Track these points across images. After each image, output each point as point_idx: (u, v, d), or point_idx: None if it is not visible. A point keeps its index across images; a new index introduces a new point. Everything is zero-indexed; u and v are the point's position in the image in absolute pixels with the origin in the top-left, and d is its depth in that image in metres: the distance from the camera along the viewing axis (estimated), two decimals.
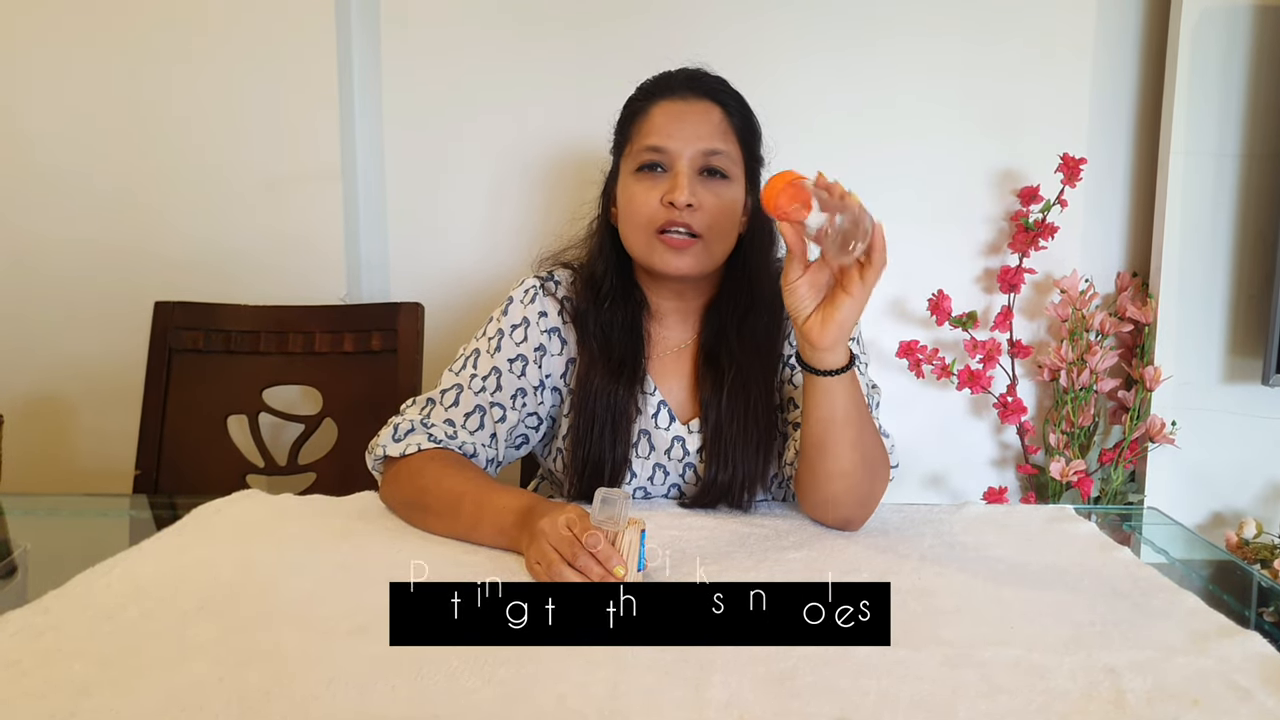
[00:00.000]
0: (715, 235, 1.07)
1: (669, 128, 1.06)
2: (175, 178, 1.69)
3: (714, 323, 1.13)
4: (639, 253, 1.09)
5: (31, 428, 1.73)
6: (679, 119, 1.06)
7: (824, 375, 0.93)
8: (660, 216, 1.05)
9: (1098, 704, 0.65)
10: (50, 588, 0.81)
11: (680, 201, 1.03)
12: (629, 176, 1.09)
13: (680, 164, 1.05)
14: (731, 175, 1.07)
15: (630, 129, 1.10)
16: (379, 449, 1.05)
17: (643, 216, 1.06)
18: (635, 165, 1.08)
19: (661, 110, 1.07)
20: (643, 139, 1.07)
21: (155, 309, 1.52)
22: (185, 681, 0.66)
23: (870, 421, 0.99)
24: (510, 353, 1.10)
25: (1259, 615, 0.88)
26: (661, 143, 1.05)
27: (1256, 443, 1.72)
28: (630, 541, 0.82)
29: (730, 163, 1.07)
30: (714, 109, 1.07)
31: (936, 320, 1.70)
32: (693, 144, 1.05)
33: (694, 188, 1.04)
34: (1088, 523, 1.06)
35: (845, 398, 0.94)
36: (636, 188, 1.07)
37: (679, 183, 1.04)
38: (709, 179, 1.06)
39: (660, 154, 1.05)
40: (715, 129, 1.06)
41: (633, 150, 1.09)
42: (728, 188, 1.07)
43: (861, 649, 0.72)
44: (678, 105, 1.07)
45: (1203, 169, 1.66)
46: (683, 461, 1.12)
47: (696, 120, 1.06)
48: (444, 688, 0.66)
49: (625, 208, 1.09)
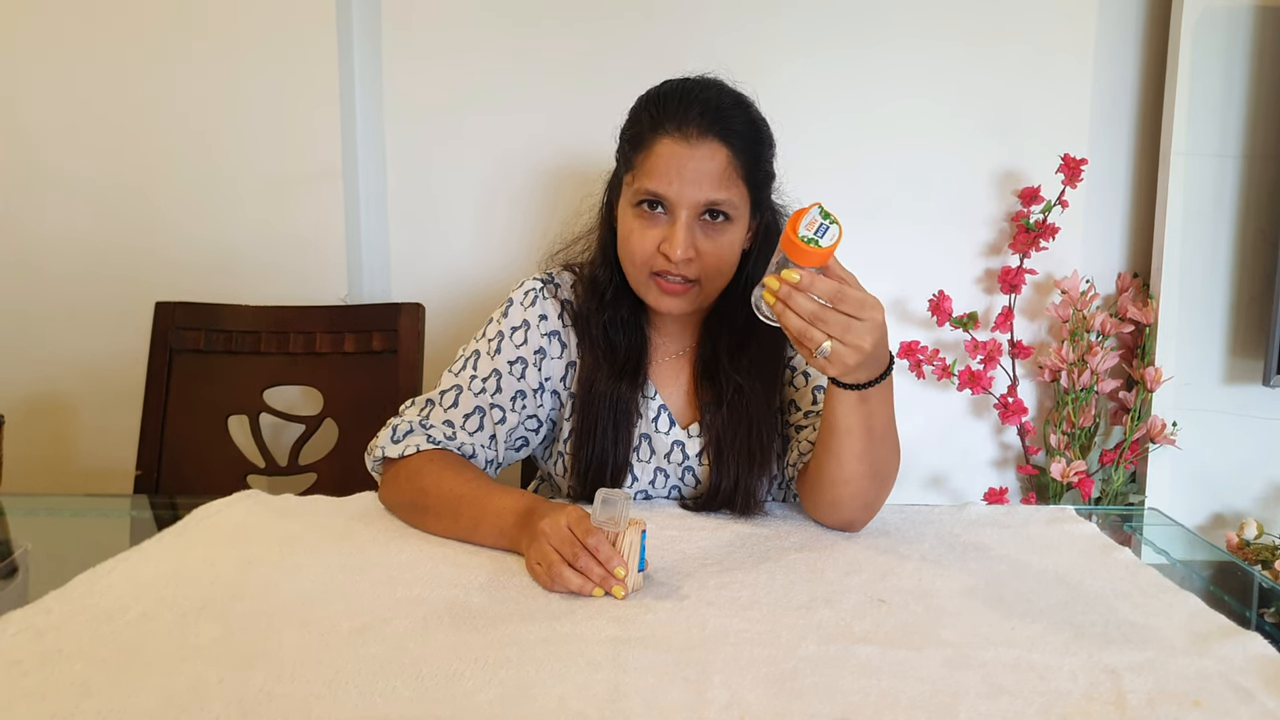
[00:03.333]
0: (712, 278, 1.05)
1: (670, 174, 1.00)
2: (177, 178, 1.69)
3: (712, 334, 1.12)
4: (633, 285, 1.08)
5: (32, 428, 1.73)
6: (681, 164, 1.00)
7: (840, 386, 0.91)
8: (656, 263, 1.03)
9: (1099, 705, 0.65)
10: (51, 588, 0.81)
11: (677, 257, 1.01)
12: (628, 208, 1.05)
13: (680, 214, 1.01)
14: (735, 217, 1.04)
15: (634, 156, 1.05)
16: (378, 450, 1.05)
17: (639, 257, 1.04)
18: (635, 200, 1.04)
19: (666, 149, 1.01)
20: (644, 178, 1.02)
21: (156, 309, 1.52)
22: (186, 682, 0.66)
23: (888, 437, 0.96)
24: (510, 355, 1.10)
25: (1260, 616, 0.88)
26: (662, 190, 1.01)
27: (1257, 444, 1.72)
28: (631, 542, 0.82)
29: (733, 206, 1.03)
30: (720, 151, 1.01)
31: (937, 321, 1.70)
32: (693, 193, 1.00)
33: (692, 239, 1.01)
34: (1089, 524, 1.06)
35: (858, 411, 0.92)
36: (635, 224, 1.04)
37: (676, 237, 1.00)
38: (709, 223, 1.03)
39: (660, 198, 1.02)
40: (719, 177, 1.01)
41: (634, 181, 1.04)
42: (728, 230, 1.04)
43: (863, 649, 0.72)
44: (682, 149, 1.00)
45: (1204, 169, 1.66)
46: (682, 465, 1.12)
47: (699, 165, 1.00)
48: (445, 688, 0.66)
49: (623, 240, 1.07)
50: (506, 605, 0.80)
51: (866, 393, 0.91)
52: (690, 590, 0.84)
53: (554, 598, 0.82)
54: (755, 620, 0.78)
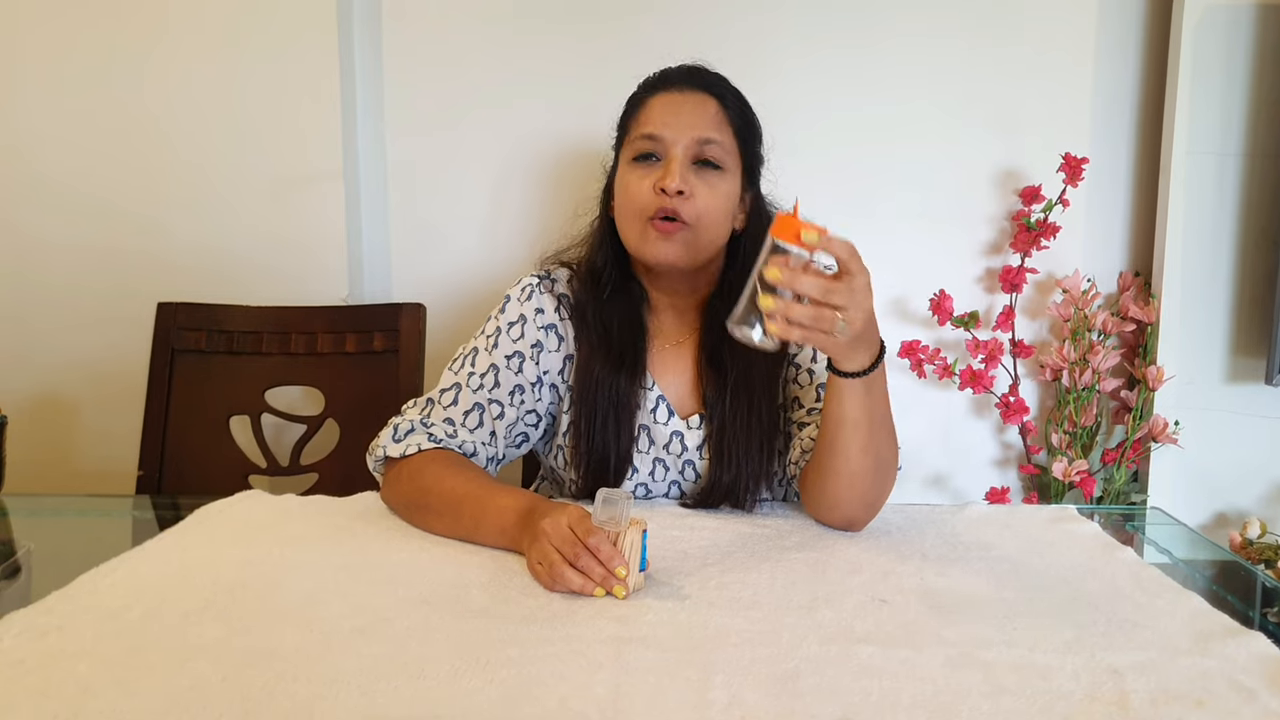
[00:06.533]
0: (705, 224, 1.07)
1: (665, 117, 1.07)
2: (177, 179, 1.69)
3: (713, 320, 1.13)
4: (632, 242, 1.10)
5: (35, 429, 1.74)
6: (675, 109, 1.08)
7: (842, 375, 0.92)
8: (652, 204, 1.06)
9: (1101, 705, 0.64)
10: (54, 588, 0.81)
11: (671, 188, 1.04)
12: (625, 165, 1.10)
13: (674, 151, 1.06)
14: (726, 167, 1.08)
15: (629, 122, 1.12)
16: (379, 450, 1.05)
17: (636, 204, 1.07)
18: (632, 154, 1.09)
19: (659, 101, 1.09)
20: (639, 128, 1.09)
21: (158, 310, 1.52)
22: (188, 681, 0.66)
23: (887, 426, 0.98)
24: (508, 350, 1.11)
25: (1263, 616, 0.88)
26: (656, 131, 1.06)
27: (1260, 442, 1.72)
28: (632, 542, 0.82)
29: (725, 153, 1.08)
30: (710, 101, 1.09)
31: (938, 320, 1.70)
32: (687, 133, 1.06)
33: (686, 175, 1.05)
34: (1090, 523, 1.06)
35: (862, 400, 0.93)
36: (631, 176, 1.08)
37: (671, 169, 1.05)
38: (703, 169, 1.07)
39: (655, 142, 1.07)
40: (711, 119, 1.07)
41: (630, 140, 1.10)
42: (721, 179, 1.08)
43: (864, 649, 0.72)
44: (674, 97, 1.09)
45: (1205, 168, 1.66)
46: (682, 457, 1.12)
47: (692, 110, 1.07)
48: (446, 688, 0.66)
49: (620, 196, 1.10)
50: (508, 605, 0.80)
51: (870, 379, 0.92)
52: (691, 590, 0.84)
53: (555, 597, 0.82)
54: (756, 620, 0.78)
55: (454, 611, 0.78)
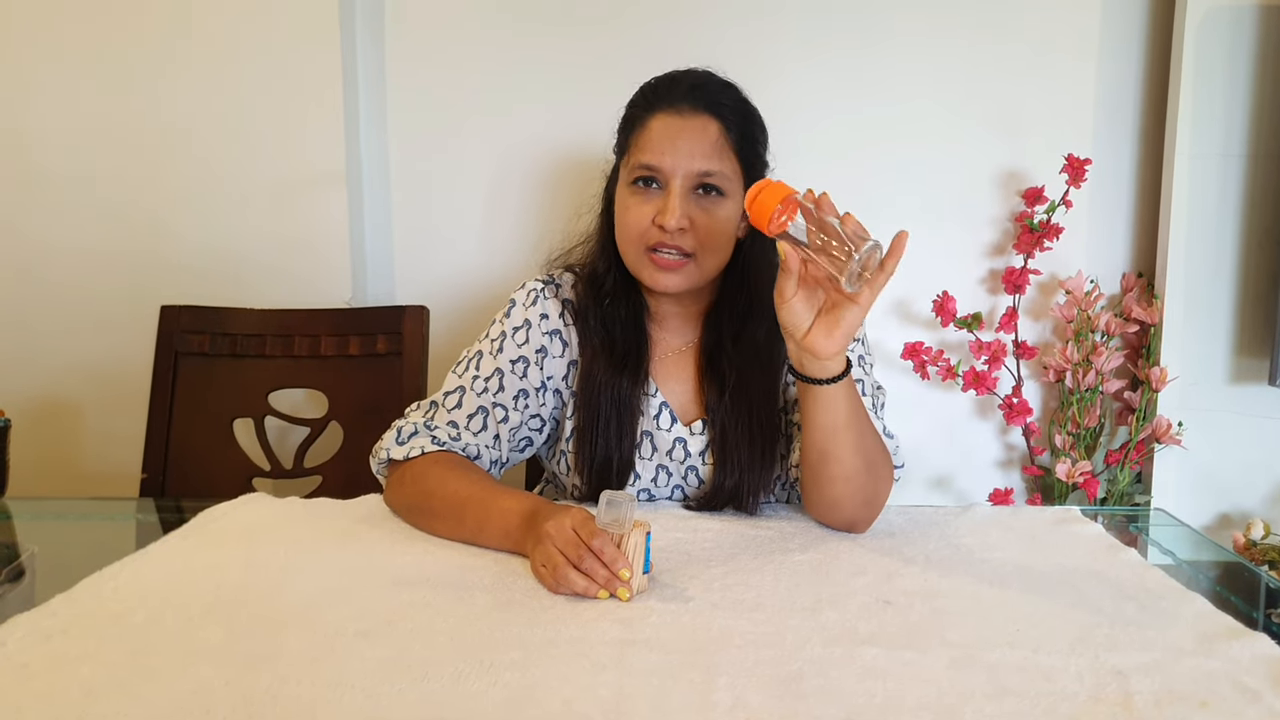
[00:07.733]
0: (707, 252, 1.06)
1: (664, 145, 1.04)
2: (181, 182, 1.70)
3: (714, 328, 1.13)
4: (630, 265, 1.09)
5: (38, 432, 1.74)
6: (674, 136, 1.04)
7: (826, 384, 0.93)
8: (651, 236, 1.05)
9: (1105, 706, 0.64)
10: (58, 591, 0.81)
11: (671, 226, 1.03)
12: (624, 187, 1.08)
13: (673, 184, 1.04)
14: (727, 191, 1.06)
15: (629, 137, 1.09)
16: (383, 452, 1.05)
17: (634, 232, 1.06)
18: (630, 178, 1.07)
19: (659, 123, 1.05)
20: (638, 153, 1.06)
21: (161, 313, 1.53)
22: (192, 684, 0.66)
23: (869, 420, 0.99)
24: (512, 354, 1.11)
25: (1267, 617, 0.87)
26: (655, 161, 1.04)
27: (1263, 443, 1.71)
28: (635, 544, 0.82)
29: (725, 179, 1.05)
30: (711, 124, 1.05)
31: (941, 321, 1.70)
32: (686, 164, 1.03)
33: (686, 209, 1.04)
34: (1094, 524, 1.06)
35: (847, 403, 0.94)
36: (630, 201, 1.07)
37: (670, 205, 1.03)
38: (703, 197, 1.05)
39: (654, 171, 1.05)
40: (711, 147, 1.04)
41: (629, 162, 1.08)
42: (722, 205, 1.06)
43: (868, 651, 0.72)
44: (674, 121, 1.05)
45: (1208, 169, 1.66)
46: (684, 464, 1.12)
47: (692, 137, 1.04)
48: (450, 691, 0.66)
49: (619, 219, 1.09)
50: (511, 607, 0.80)
51: (845, 382, 0.93)
52: (695, 592, 0.84)
53: (559, 600, 0.82)
54: (760, 622, 0.78)
55: (458, 614, 0.78)
